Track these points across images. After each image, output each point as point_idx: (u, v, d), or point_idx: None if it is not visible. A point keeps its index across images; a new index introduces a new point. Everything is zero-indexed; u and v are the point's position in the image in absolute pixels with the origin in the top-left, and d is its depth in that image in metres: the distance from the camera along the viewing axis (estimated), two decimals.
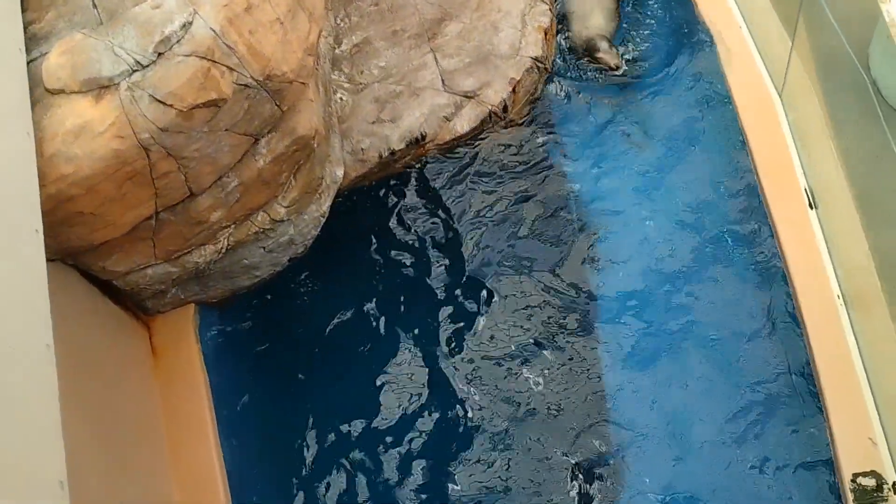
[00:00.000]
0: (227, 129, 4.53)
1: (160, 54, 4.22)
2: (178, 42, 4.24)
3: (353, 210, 6.05)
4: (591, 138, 6.34)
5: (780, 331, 5.30)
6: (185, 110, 4.25)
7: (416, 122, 6.05)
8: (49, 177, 4.13)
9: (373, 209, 6.08)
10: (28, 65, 4.32)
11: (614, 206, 6.00)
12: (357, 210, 6.07)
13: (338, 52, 6.35)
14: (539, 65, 6.41)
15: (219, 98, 4.32)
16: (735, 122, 6.09)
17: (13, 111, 4.04)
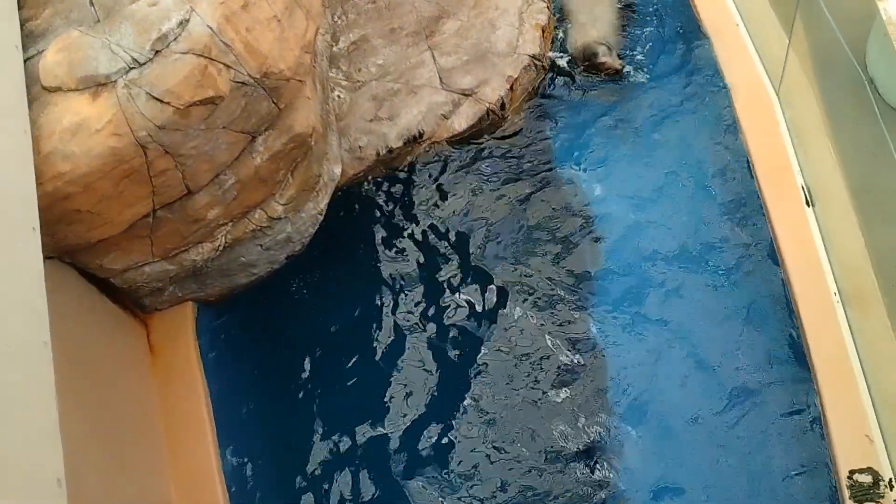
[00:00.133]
0: (224, 127, 4.52)
1: (157, 52, 4.22)
2: (174, 40, 4.23)
3: (350, 208, 6.06)
4: (587, 135, 6.35)
5: (777, 328, 5.31)
6: (182, 108, 4.24)
7: (414, 119, 6.04)
8: (46, 174, 4.13)
9: (370, 207, 6.09)
10: (25, 62, 4.32)
11: (612, 204, 6.01)
12: (354, 208, 6.07)
13: (335, 49, 6.35)
14: (536, 62, 6.41)
15: (216, 96, 4.32)
16: (732, 120, 6.10)
17: (10, 109, 4.04)
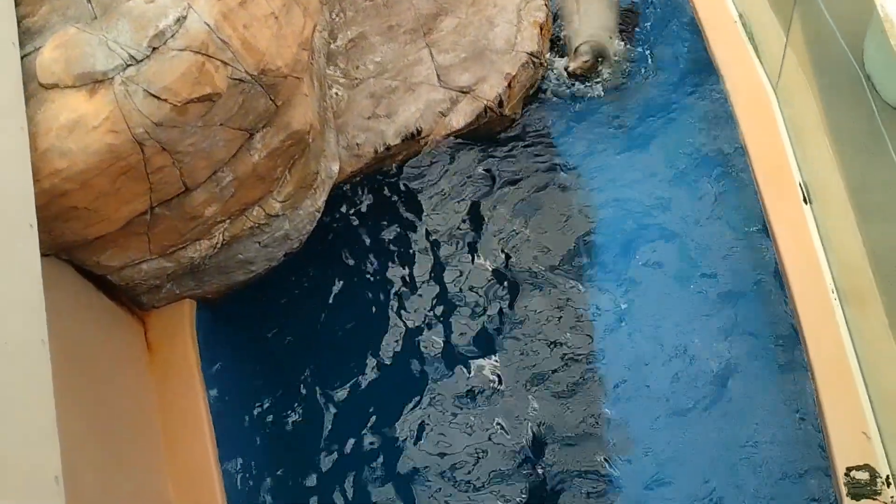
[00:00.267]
0: (221, 124, 4.52)
1: (154, 49, 4.21)
2: (172, 36, 4.23)
3: (348, 205, 6.05)
4: (585, 132, 6.35)
5: (774, 325, 5.32)
6: (179, 105, 4.24)
7: (412, 117, 6.04)
8: (43, 171, 4.12)
9: (368, 204, 6.08)
10: (22, 59, 4.31)
11: (609, 201, 6.02)
12: (352, 205, 6.07)
13: (333, 46, 6.34)
14: (534, 60, 6.40)
15: (213, 92, 4.31)
16: (730, 117, 6.09)
17: (7, 106, 4.03)
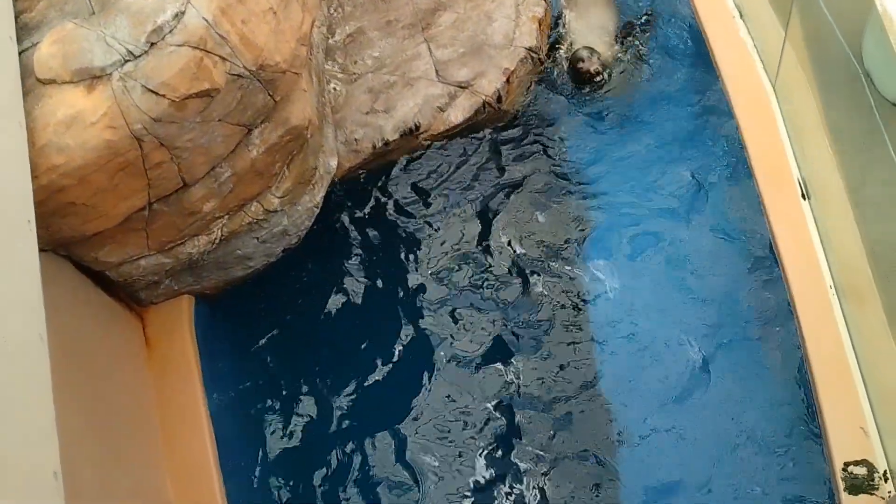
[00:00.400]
0: (220, 120, 4.51)
1: (152, 44, 4.20)
2: (170, 32, 4.21)
3: (347, 201, 6.05)
4: (583, 128, 6.34)
5: (772, 321, 5.33)
6: (177, 100, 4.23)
7: (410, 112, 6.03)
8: (41, 167, 4.11)
9: (367, 200, 6.08)
10: (20, 55, 4.29)
11: (607, 196, 6.03)
12: (351, 201, 6.07)
13: (331, 42, 6.33)
14: (533, 55, 6.39)
15: (211, 88, 4.31)
16: (728, 113, 6.09)
17: (5, 101, 4.01)
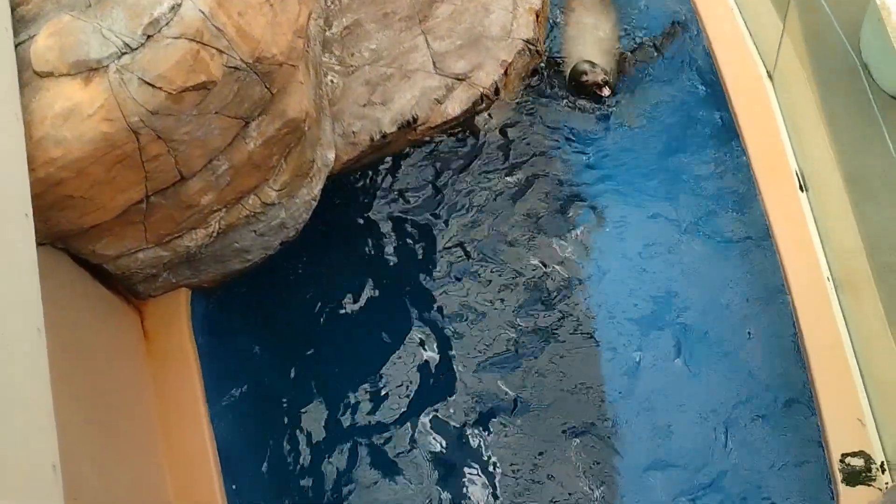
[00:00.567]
0: (216, 112, 4.50)
1: (149, 37, 4.18)
2: (166, 24, 4.20)
3: (344, 194, 6.04)
4: (581, 120, 6.33)
5: (770, 312, 5.34)
6: (174, 93, 4.22)
7: (408, 104, 6.02)
8: (38, 160, 4.11)
9: (364, 193, 6.07)
10: (16, 47, 4.28)
11: (605, 188, 6.02)
12: (349, 194, 6.06)
13: (328, 34, 6.31)
14: (530, 47, 6.38)
15: (208, 80, 4.30)
16: (726, 105, 6.09)
17: (2, 94, 4.00)
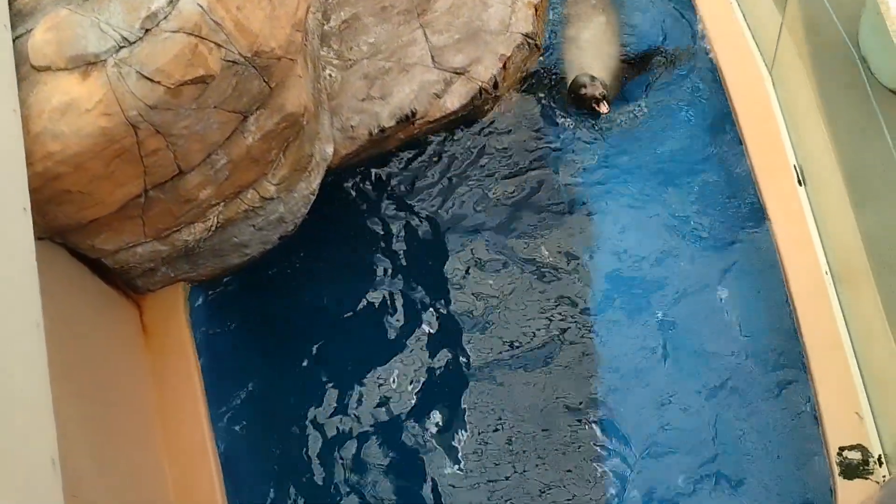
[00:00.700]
0: (215, 106, 4.50)
1: (147, 30, 4.18)
2: (164, 18, 4.19)
3: (343, 188, 6.04)
4: (580, 116, 6.32)
5: (768, 306, 5.35)
6: (172, 87, 4.21)
7: (406, 98, 6.01)
8: (36, 154, 4.10)
9: (363, 187, 6.07)
10: (14, 41, 4.27)
11: (604, 183, 6.02)
12: (347, 188, 6.06)
13: (326, 28, 6.30)
14: (529, 41, 6.37)
15: (206, 75, 4.29)
16: (724, 98, 6.09)
17: None
